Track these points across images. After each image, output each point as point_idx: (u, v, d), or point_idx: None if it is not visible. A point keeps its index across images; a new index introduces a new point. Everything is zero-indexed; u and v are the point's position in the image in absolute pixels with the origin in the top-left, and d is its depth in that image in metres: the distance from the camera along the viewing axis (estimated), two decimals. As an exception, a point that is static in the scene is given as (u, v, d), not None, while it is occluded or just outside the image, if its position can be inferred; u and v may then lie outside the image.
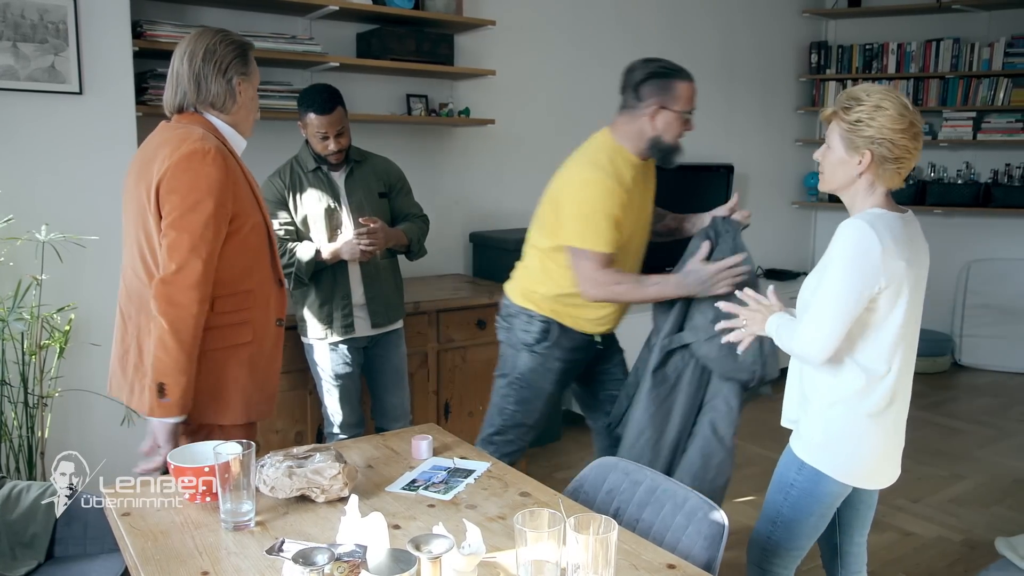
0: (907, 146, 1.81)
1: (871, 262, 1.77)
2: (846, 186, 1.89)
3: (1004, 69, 5.44)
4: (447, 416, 3.62)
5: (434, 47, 3.80)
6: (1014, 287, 5.64)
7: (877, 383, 1.87)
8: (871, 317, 1.84)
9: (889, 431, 1.93)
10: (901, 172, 1.86)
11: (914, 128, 1.81)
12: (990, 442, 4.34)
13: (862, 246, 1.78)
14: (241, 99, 2.00)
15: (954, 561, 3.06)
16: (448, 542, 1.18)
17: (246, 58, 2.01)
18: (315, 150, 2.78)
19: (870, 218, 1.81)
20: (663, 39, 5.08)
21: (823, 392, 1.92)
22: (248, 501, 1.57)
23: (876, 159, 1.81)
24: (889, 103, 1.80)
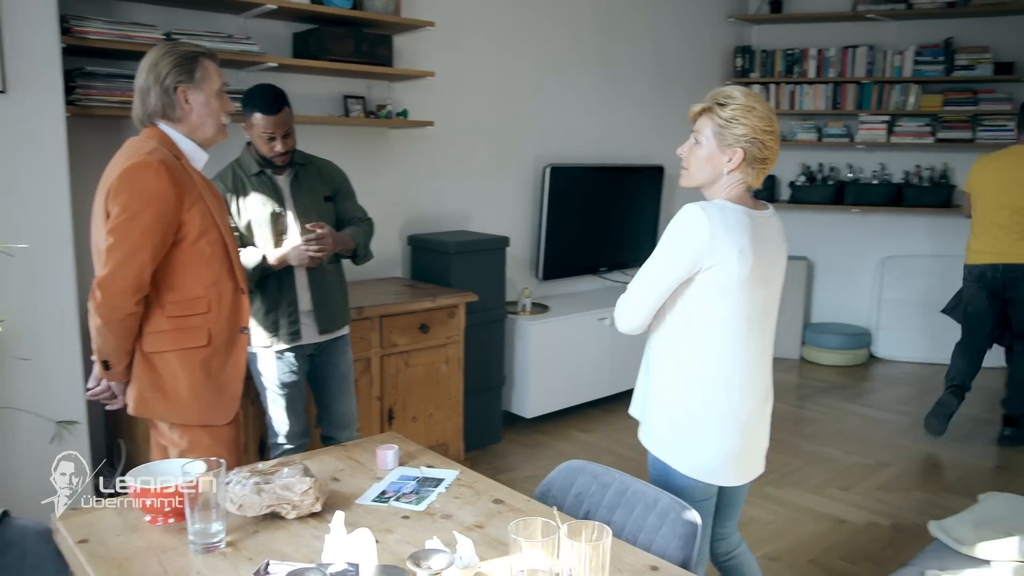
0: (773, 147, 1.88)
1: (692, 243, 1.82)
2: (712, 182, 1.92)
3: (914, 76, 5.73)
4: (391, 422, 3.58)
5: (373, 48, 3.75)
6: (926, 282, 5.95)
7: (713, 377, 1.89)
8: (706, 301, 1.86)
9: (733, 426, 1.92)
10: (764, 172, 1.90)
11: (777, 130, 1.88)
12: (909, 430, 4.57)
13: (686, 227, 1.83)
14: (188, 107, 2.08)
15: (885, 545, 3.21)
16: (448, 557, 1.18)
17: (190, 66, 2.07)
18: (260, 152, 2.70)
19: (708, 205, 1.85)
20: (597, 43, 5.16)
21: (664, 383, 1.95)
22: (218, 521, 1.52)
23: (747, 157, 1.86)
24: (759, 104, 1.86)
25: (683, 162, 1.96)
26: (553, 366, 4.52)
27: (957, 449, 4.27)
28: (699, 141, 1.91)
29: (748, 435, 1.95)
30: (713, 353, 1.88)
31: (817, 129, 6.07)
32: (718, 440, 1.91)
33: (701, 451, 1.92)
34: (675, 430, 1.94)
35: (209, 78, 2.10)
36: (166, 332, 2.07)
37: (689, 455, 1.92)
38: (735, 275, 1.83)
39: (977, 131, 5.68)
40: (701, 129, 1.90)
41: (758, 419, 1.97)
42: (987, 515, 2.51)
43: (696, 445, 1.92)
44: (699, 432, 1.91)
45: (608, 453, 4.21)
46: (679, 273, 1.85)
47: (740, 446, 1.93)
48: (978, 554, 2.24)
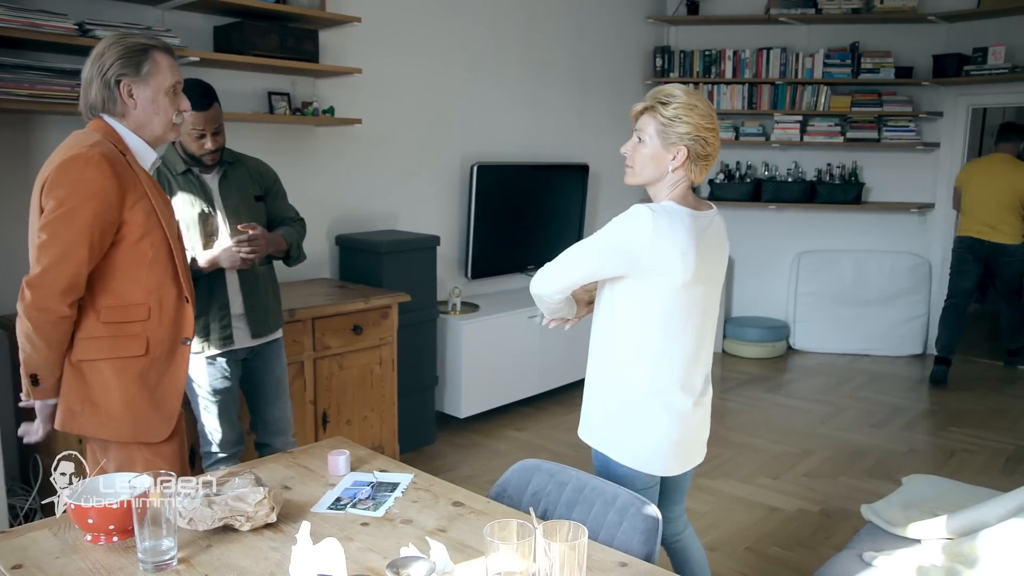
0: (715, 143, 1.91)
1: (631, 243, 1.86)
2: (657, 179, 1.95)
3: (824, 78, 5.97)
4: (325, 426, 3.50)
5: (298, 43, 3.65)
6: (839, 275, 6.22)
7: (648, 370, 1.93)
8: (644, 298, 1.90)
9: (669, 417, 1.95)
10: (706, 168, 1.94)
11: (717, 127, 1.93)
12: (829, 418, 4.75)
13: (630, 227, 1.86)
14: (132, 101, 1.93)
15: (816, 530, 3.32)
16: (428, 564, 1.15)
17: (137, 59, 1.92)
18: (189, 150, 2.59)
19: (657, 208, 1.87)
20: (522, 41, 5.16)
21: (600, 377, 2.00)
22: (170, 537, 1.44)
23: (691, 155, 1.89)
24: (700, 102, 1.89)
25: (627, 160, 1.98)
26: (485, 365, 4.50)
27: (873, 435, 4.47)
28: (642, 139, 1.92)
29: (685, 425, 1.97)
30: (649, 348, 1.92)
31: (735, 128, 6.24)
32: (655, 431, 1.94)
33: (638, 441, 1.95)
34: (612, 422, 1.97)
35: (159, 73, 1.95)
36: (100, 339, 1.91)
37: (627, 446, 1.95)
38: (676, 277, 1.86)
39: (883, 131, 5.96)
40: (644, 128, 1.92)
41: (695, 410, 1.99)
42: (913, 496, 2.63)
43: (633, 436, 1.95)
44: (636, 423, 1.94)
45: (543, 451, 4.22)
46: (609, 266, 1.90)
47: (678, 436, 1.97)
48: (910, 534, 2.34)
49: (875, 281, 6.18)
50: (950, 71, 5.74)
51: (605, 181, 5.99)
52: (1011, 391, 5.36)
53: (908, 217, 6.19)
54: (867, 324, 6.21)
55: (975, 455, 4.19)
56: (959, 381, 5.59)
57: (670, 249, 1.84)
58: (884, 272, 6.17)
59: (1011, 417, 4.81)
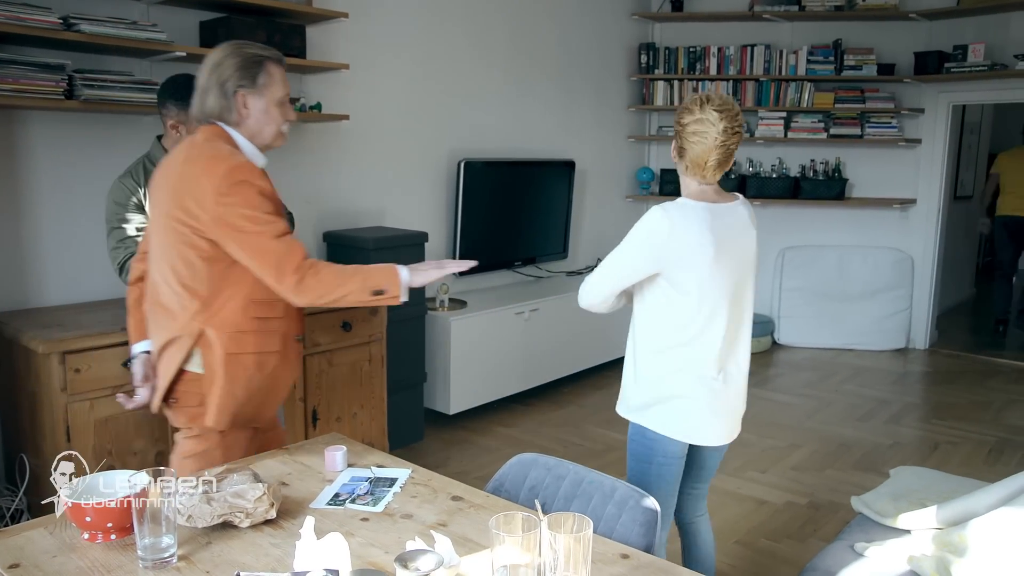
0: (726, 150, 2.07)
1: (652, 243, 2.04)
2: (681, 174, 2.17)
3: (807, 74, 6.01)
4: (315, 423, 3.48)
5: (285, 39, 3.63)
6: (822, 270, 6.27)
7: (682, 349, 2.09)
8: (670, 291, 2.07)
9: (700, 391, 2.10)
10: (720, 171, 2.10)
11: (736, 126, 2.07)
12: (816, 412, 4.80)
13: (648, 229, 2.05)
14: (246, 111, 1.98)
15: (805, 522, 3.35)
16: (436, 558, 1.15)
17: (254, 70, 1.97)
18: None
19: (670, 206, 2.05)
20: (508, 38, 5.16)
21: (639, 354, 2.16)
22: (169, 534, 1.43)
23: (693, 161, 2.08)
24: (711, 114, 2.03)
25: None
26: (473, 362, 4.50)
27: (859, 429, 4.51)
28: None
29: (716, 400, 2.13)
30: (682, 328, 2.08)
31: (719, 125, 6.26)
32: (687, 402, 2.11)
33: (671, 411, 2.11)
34: (648, 395, 2.14)
35: (272, 84, 1.99)
36: (247, 333, 1.96)
37: (661, 415, 2.12)
38: (697, 264, 2.03)
39: (865, 128, 6.01)
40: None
41: (726, 387, 2.14)
42: (901, 488, 2.66)
43: (667, 406, 2.12)
44: (670, 395, 2.11)
45: (532, 446, 4.22)
46: (640, 267, 2.08)
47: (708, 410, 2.13)
48: (900, 525, 2.37)
49: (858, 276, 6.24)
50: (931, 68, 5.80)
51: (591, 177, 6.01)
52: (993, 384, 5.43)
53: (891, 213, 6.25)
54: (851, 319, 6.27)
55: (959, 447, 4.25)
56: (941, 374, 5.66)
57: (688, 241, 2.02)
58: (867, 267, 6.23)
59: (993, 409, 4.87)
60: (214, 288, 1.93)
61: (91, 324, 2.88)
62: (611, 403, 4.80)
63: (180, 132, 2.54)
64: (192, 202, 1.87)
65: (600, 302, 2.18)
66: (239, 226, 1.86)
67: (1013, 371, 5.77)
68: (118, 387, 2.82)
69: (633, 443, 2.20)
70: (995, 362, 5.98)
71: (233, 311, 1.94)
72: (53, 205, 3.20)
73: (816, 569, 2.24)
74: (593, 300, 2.18)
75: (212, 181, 1.86)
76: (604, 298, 2.16)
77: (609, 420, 4.61)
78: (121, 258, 2.53)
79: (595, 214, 6.11)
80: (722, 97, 2.06)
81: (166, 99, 2.52)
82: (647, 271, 2.08)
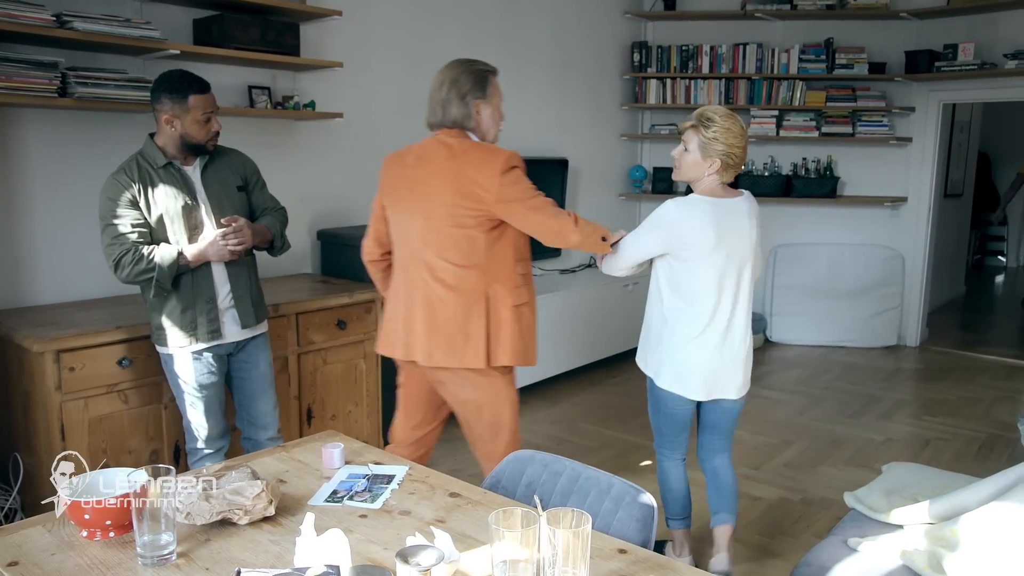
0: (742, 155, 2.55)
1: (662, 229, 2.52)
2: (695, 180, 2.58)
3: (799, 73, 6.04)
4: (309, 422, 3.49)
5: (279, 36, 3.63)
6: (813, 269, 6.31)
7: (688, 315, 2.55)
8: (679, 267, 2.54)
9: (699, 353, 2.57)
10: (736, 171, 2.58)
11: (746, 140, 2.56)
12: (807, 409, 4.83)
13: (664, 216, 2.53)
14: (479, 117, 2.48)
15: (798, 518, 3.38)
16: (437, 553, 1.15)
17: (484, 83, 2.49)
18: (195, 138, 2.56)
19: (681, 201, 2.53)
20: (501, 36, 5.17)
21: (651, 320, 2.67)
22: (168, 531, 1.44)
23: (723, 165, 2.52)
24: (734, 124, 2.50)
25: (675, 162, 2.61)
26: (468, 359, 4.50)
27: (850, 426, 4.54)
28: (688, 149, 2.55)
29: (715, 362, 2.59)
30: (686, 299, 2.54)
31: (711, 123, 6.27)
32: (690, 362, 2.57)
33: (677, 370, 2.58)
34: (658, 355, 2.62)
35: (495, 94, 2.52)
36: (521, 288, 2.52)
37: (669, 374, 2.60)
38: (699, 248, 2.50)
39: (857, 126, 6.04)
40: (689, 140, 2.55)
41: (724, 350, 2.59)
42: (894, 483, 2.68)
43: (674, 366, 2.59)
44: (676, 356, 2.58)
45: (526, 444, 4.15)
46: (653, 248, 2.56)
47: (707, 370, 2.58)
48: (892, 520, 2.39)
49: (849, 274, 6.27)
50: (921, 67, 5.84)
51: (584, 175, 6.02)
52: (983, 380, 5.48)
53: (882, 211, 6.28)
54: (842, 316, 6.30)
55: (949, 443, 4.28)
56: (932, 371, 5.71)
57: (691, 228, 2.49)
58: (858, 265, 6.27)
59: (983, 405, 4.91)
60: (491, 256, 2.44)
61: (85, 323, 2.88)
62: (605, 401, 4.84)
63: (175, 127, 2.54)
64: (478, 188, 2.37)
65: (619, 271, 2.64)
66: (521, 199, 2.39)
67: (1003, 368, 5.81)
68: (112, 386, 2.83)
69: (650, 392, 2.72)
70: (985, 359, 6.03)
71: (508, 272, 2.47)
72: (47, 203, 3.20)
73: (810, 564, 2.26)
74: (613, 271, 2.65)
75: (494, 169, 2.37)
76: (621, 269, 2.62)
77: (603, 418, 4.62)
78: (116, 255, 2.52)
79: (588, 212, 6.09)
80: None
81: (160, 94, 2.52)
82: (658, 250, 2.55)
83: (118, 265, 2.53)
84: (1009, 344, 6.51)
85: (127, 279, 2.54)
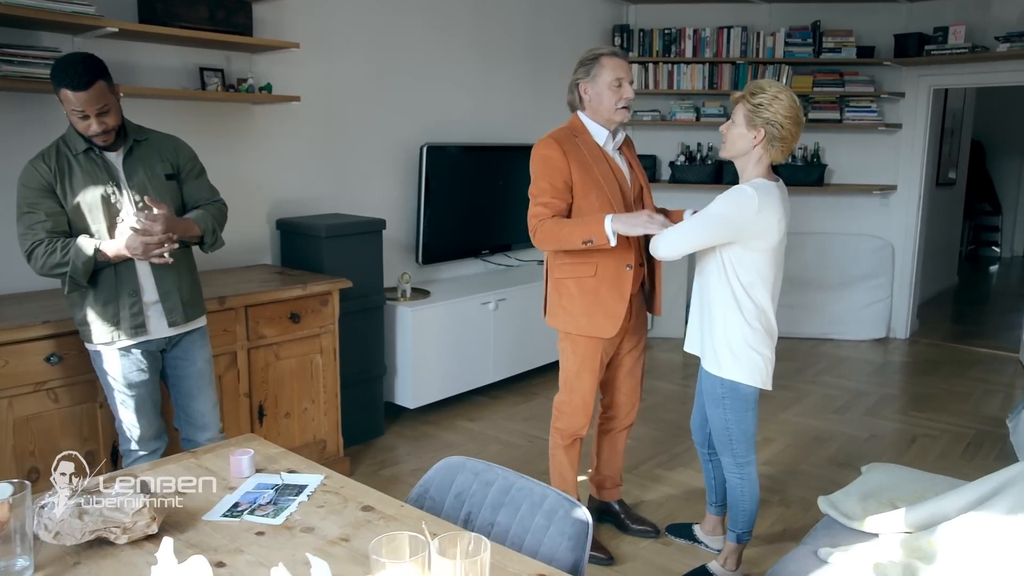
0: (792, 130, 2.41)
1: (742, 216, 2.37)
2: (742, 154, 2.47)
3: (785, 57, 5.84)
4: (261, 420, 3.31)
5: (229, 15, 3.43)
6: (800, 258, 6.11)
7: (755, 308, 2.49)
8: (748, 256, 2.44)
9: (770, 347, 2.55)
10: (784, 150, 2.45)
11: (799, 118, 2.42)
12: (790, 404, 4.65)
13: (742, 202, 2.37)
14: (587, 97, 2.72)
15: (774, 521, 3.21)
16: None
17: (588, 64, 2.70)
18: (77, 130, 2.37)
19: (757, 184, 2.40)
20: (472, 17, 4.97)
21: (724, 321, 2.52)
22: (24, 556, 1.26)
23: (768, 136, 2.40)
24: (785, 96, 2.39)
25: (723, 137, 2.52)
26: (436, 353, 4.33)
27: (835, 422, 4.37)
28: (734, 121, 2.47)
29: (773, 353, 2.58)
30: (759, 295, 2.49)
31: (695, 109, 6.10)
32: (767, 354, 2.54)
33: (760, 364, 2.53)
34: (738, 355, 2.52)
35: (603, 73, 2.67)
36: (566, 264, 2.76)
37: (753, 371, 2.53)
38: (773, 238, 2.43)
39: (845, 112, 5.86)
40: (736, 112, 2.46)
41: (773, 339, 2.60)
42: (871, 487, 2.51)
43: (757, 363, 2.53)
44: (755, 351, 2.52)
45: (496, 442, 4.07)
46: (725, 236, 2.43)
47: (772, 361, 2.58)
48: (867, 528, 2.22)
49: (837, 264, 6.09)
50: (911, 51, 5.65)
51: (563, 164, 5.82)
52: (972, 374, 5.30)
53: (871, 199, 6.11)
54: (829, 308, 6.13)
55: (937, 440, 4.11)
56: (921, 364, 5.54)
57: (770, 219, 2.39)
58: (846, 255, 6.09)
59: (972, 400, 4.75)
60: None
61: (14, 316, 2.70)
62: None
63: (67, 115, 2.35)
64: None
65: (672, 257, 2.52)
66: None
67: (993, 360, 5.64)
68: (40, 384, 2.65)
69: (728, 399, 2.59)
70: (976, 351, 5.86)
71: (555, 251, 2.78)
72: (-25, 190, 3.01)
73: (775, 577, 2.09)
74: (668, 255, 2.51)
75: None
76: (677, 255, 2.51)
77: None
78: (28, 245, 2.34)
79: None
80: None
81: (58, 83, 2.31)
82: (724, 240, 2.44)
83: (30, 256, 2.35)
84: (1001, 336, 6.33)
85: (41, 271, 2.36)
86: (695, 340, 2.70)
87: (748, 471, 2.69)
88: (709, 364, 2.61)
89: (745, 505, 2.71)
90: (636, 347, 2.99)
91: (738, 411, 2.61)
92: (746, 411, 2.61)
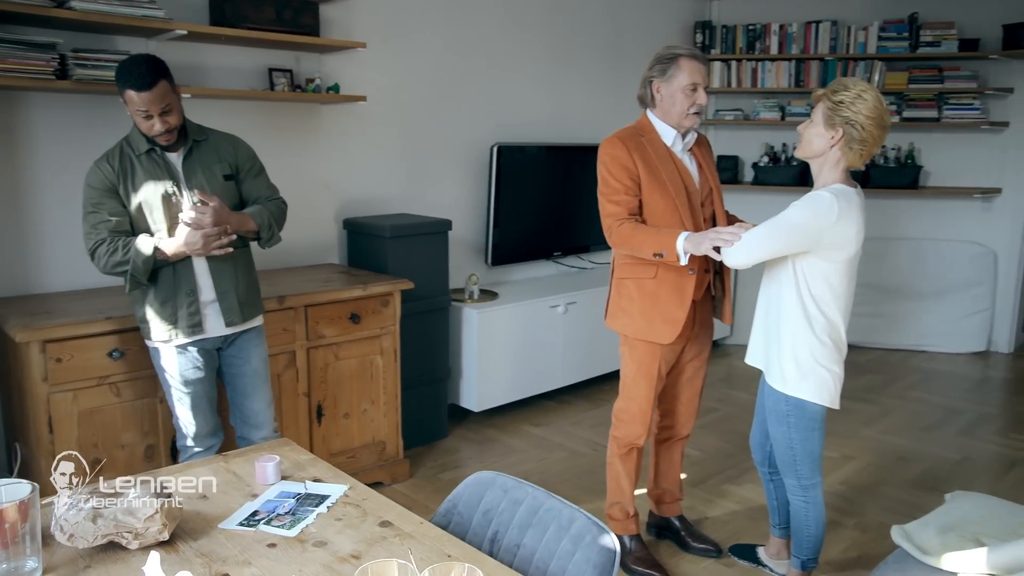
0: (873, 132, 2.23)
1: (820, 225, 2.22)
2: (818, 155, 2.32)
3: (878, 52, 5.52)
4: (320, 420, 3.31)
5: (296, 16, 3.46)
6: (891, 265, 5.78)
7: (826, 321, 2.33)
8: (821, 266, 2.29)
9: (840, 364, 2.40)
10: (863, 154, 2.27)
11: (883, 120, 2.24)
12: (875, 420, 4.38)
13: (821, 209, 2.22)
14: (659, 96, 2.63)
15: (848, 546, 3.00)
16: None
17: (665, 63, 2.60)
18: (141, 131, 2.41)
19: (836, 191, 2.25)
20: (547, 14, 4.88)
21: (793, 335, 2.37)
22: (32, 557, 1.25)
23: (846, 136, 2.24)
24: (870, 95, 2.23)
25: (799, 136, 2.37)
26: (502, 356, 4.27)
27: (923, 440, 4.09)
28: (813, 119, 2.32)
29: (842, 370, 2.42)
30: (830, 308, 2.33)
31: (780, 108, 5.84)
32: (835, 373, 2.38)
33: (829, 382, 2.37)
34: (806, 371, 2.37)
35: (679, 75, 2.57)
36: (627, 264, 2.69)
37: (821, 388, 2.37)
38: (851, 249, 2.29)
39: (943, 110, 5.49)
40: (816, 110, 2.31)
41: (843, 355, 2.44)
42: (954, 518, 2.30)
43: (825, 380, 2.37)
44: (824, 368, 2.36)
45: (560, 448, 3.97)
46: (799, 245, 2.27)
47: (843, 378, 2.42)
48: (944, 565, 2.03)
49: (932, 272, 5.72)
50: (1022, 42, 5.23)
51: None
52: (1083, 394, 4.88)
53: (971, 203, 5.71)
54: (923, 318, 5.76)
55: (1037, 466, 3.79)
56: (1024, 382, 5.14)
57: (849, 228, 2.24)
58: (943, 262, 5.71)
59: (1081, 423, 4.37)
60: None
61: (81, 312, 2.78)
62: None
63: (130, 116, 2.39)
64: None
65: (745, 265, 2.36)
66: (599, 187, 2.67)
67: (1109, 380, 5.18)
68: (103, 378, 2.72)
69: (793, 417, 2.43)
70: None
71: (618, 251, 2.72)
72: (53, 188, 3.12)
73: (836, 613, 1.93)
74: (740, 263, 2.34)
75: None
76: (750, 263, 2.35)
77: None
78: (92, 244, 2.40)
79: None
80: None
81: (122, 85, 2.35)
82: (799, 249, 2.28)
83: (94, 255, 2.41)
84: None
85: (104, 270, 2.42)
86: (758, 352, 2.54)
87: (814, 494, 2.51)
88: (773, 379, 2.46)
89: (810, 530, 2.53)
90: (699, 356, 2.85)
91: (803, 430, 2.44)
92: (812, 431, 2.45)
